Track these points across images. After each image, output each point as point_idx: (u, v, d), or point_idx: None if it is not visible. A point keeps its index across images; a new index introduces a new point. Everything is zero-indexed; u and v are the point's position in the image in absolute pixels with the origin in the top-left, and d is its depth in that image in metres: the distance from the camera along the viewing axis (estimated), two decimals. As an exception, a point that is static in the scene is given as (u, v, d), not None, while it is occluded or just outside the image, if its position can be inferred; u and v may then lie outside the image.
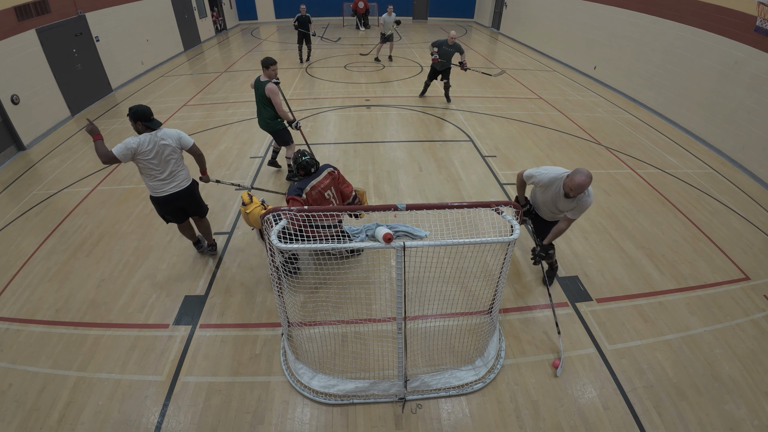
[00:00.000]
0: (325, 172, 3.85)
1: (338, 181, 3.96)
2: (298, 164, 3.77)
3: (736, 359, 3.30)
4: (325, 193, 3.81)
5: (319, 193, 3.77)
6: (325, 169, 3.87)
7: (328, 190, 3.84)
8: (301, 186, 3.73)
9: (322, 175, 3.84)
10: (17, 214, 5.20)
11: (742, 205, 5.48)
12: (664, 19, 8.27)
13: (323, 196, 3.80)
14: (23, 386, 3.06)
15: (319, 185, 3.79)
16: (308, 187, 3.73)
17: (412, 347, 3.31)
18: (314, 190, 3.74)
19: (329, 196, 3.85)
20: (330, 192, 3.86)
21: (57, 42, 8.00)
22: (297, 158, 3.79)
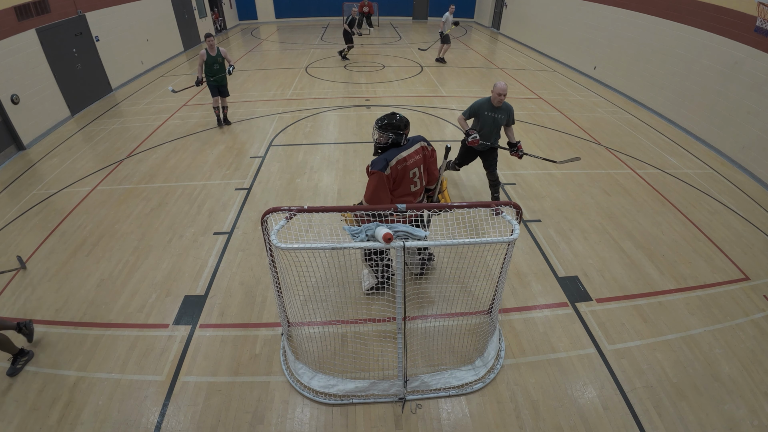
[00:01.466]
0: (418, 145, 3.24)
1: (429, 158, 3.35)
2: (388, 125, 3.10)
3: (736, 359, 3.30)
4: (411, 171, 3.20)
5: (405, 168, 3.16)
6: (418, 142, 3.25)
7: (416, 167, 3.23)
8: (388, 158, 3.10)
9: (414, 148, 3.22)
10: (17, 213, 5.20)
11: (742, 205, 5.49)
12: (664, 19, 8.27)
13: (408, 173, 3.19)
14: (23, 386, 3.06)
15: (408, 159, 3.17)
16: (395, 160, 3.11)
17: (411, 347, 3.31)
18: (400, 165, 3.13)
19: (414, 175, 3.23)
20: (418, 170, 3.24)
21: (57, 42, 8.00)
22: (391, 117, 3.12)
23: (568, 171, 6.17)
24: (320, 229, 4.30)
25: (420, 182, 3.33)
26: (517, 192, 5.63)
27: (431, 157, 3.40)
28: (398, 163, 3.13)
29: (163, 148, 6.89)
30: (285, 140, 7.14)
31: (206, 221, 4.95)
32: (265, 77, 10.94)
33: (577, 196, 5.52)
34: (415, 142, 3.26)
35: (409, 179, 3.23)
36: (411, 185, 3.27)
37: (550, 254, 4.45)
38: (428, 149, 3.36)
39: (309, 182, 5.82)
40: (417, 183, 3.30)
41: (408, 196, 3.31)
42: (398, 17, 21.11)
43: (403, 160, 3.15)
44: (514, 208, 2.75)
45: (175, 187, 5.70)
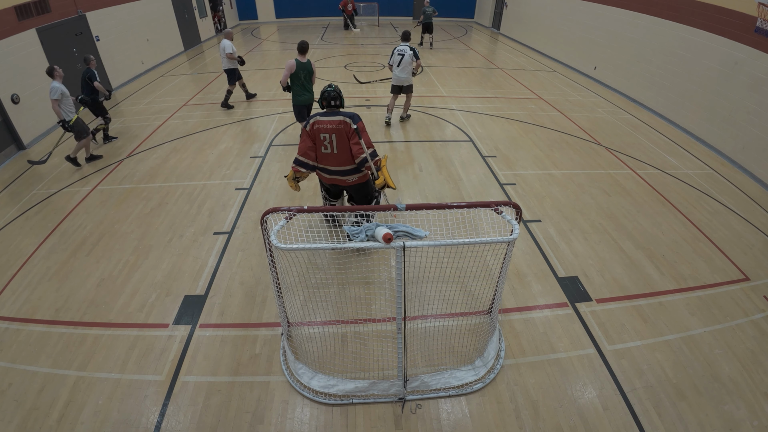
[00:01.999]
0: (338, 117, 3.77)
1: (348, 133, 3.77)
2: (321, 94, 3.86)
3: (736, 360, 3.30)
4: (321, 134, 3.78)
5: (316, 132, 3.78)
6: (339, 115, 3.78)
7: (324, 133, 3.77)
8: (313, 117, 3.84)
9: (329, 118, 3.78)
10: (17, 213, 5.20)
11: (742, 205, 5.49)
12: (664, 19, 8.27)
13: (319, 136, 3.79)
14: (23, 386, 3.06)
15: (322, 124, 3.77)
16: (313, 120, 3.81)
17: (411, 347, 3.31)
18: (315, 126, 3.78)
19: (324, 139, 3.79)
20: (329, 137, 3.78)
21: (57, 41, 8.00)
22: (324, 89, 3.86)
23: (568, 171, 6.18)
24: (320, 229, 4.31)
25: (331, 146, 3.83)
26: (517, 192, 5.63)
27: (351, 132, 3.78)
28: (315, 123, 3.80)
29: (164, 147, 6.89)
30: (285, 140, 7.14)
31: (206, 221, 4.95)
32: (265, 77, 10.94)
33: (577, 196, 5.52)
34: (338, 114, 3.79)
35: (320, 141, 3.81)
36: (322, 147, 3.85)
37: (550, 254, 4.45)
38: (348, 125, 3.77)
39: (309, 182, 5.82)
40: (326, 146, 3.84)
41: (321, 153, 3.89)
42: (398, 17, 21.12)
43: (317, 122, 3.79)
44: (514, 208, 2.76)
45: (175, 186, 5.70)
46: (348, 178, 4.01)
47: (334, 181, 4.06)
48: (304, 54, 6.10)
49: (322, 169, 4.00)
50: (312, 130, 3.81)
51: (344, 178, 4.01)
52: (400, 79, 7.40)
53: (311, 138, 3.84)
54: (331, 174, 4.00)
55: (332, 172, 3.97)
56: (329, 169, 3.97)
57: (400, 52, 7.23)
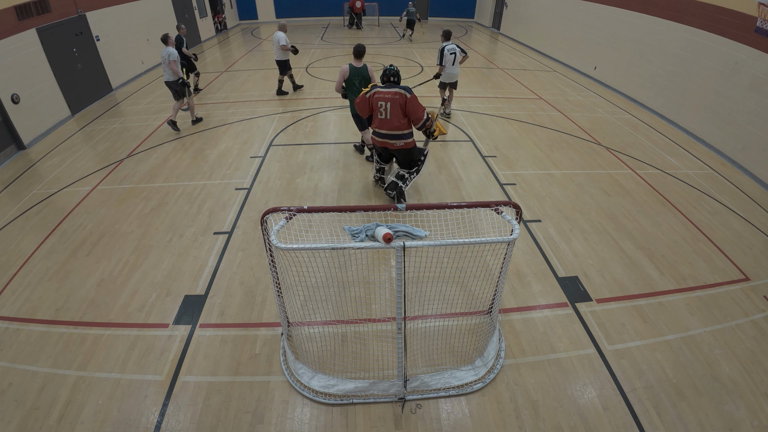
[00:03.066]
0: (395, 89, 4.57)
1: (404, 103, 4.54)
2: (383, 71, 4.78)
3: (736, 360, 3.30)
4: (378, 103, 4.61)
5: (375, 101, 4.62)
6: (396, 88, 4.58)
7: (382, 101, 4.58)
8: (373, 87, 4.69)
9: (387, 89, 4.59)
10: (17, 213, 5.20)
11: (742, 205, 5.49)
12: (664, 19, 8.27)
13: (377, 104, 4.62)
14: (23, 385, 3.06)
15: (379, 94, 4.60)
16: (372, 91, 4.64)
17: (411, 347, 3.31)
18: (374, 96, 4.62)
19: (381, 107, 4.61)
20: (383, 103, 4.58)
21: (57, 41, 8.00)
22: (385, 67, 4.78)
23: (568, 171, 6.18)
24: (320, 229, 4.31)
25: (385, 113, 4.61)
26: (517, 192, 5.63)
27: (405, 102, 4.55)
28: (374, 94, 4.63)
29: (163, 147, 6.89)
30: (285, 140, 7.14)
31: (206, 221, 4.95)
32: (265, 77, 10.94)
33: (577, 196, 5.52)
34: (394, 87, 4.61)
35: (377, 108, 4.64)
36: (378, 113, 4.66)
37: (550, 254, 4.45)
38: (404, 96, 4.55)
39: (309, 182, 5.82)
40: (382, 112, 4.63)
41: (377, 119, 4.71)
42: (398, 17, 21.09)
43: (377, 93, 4.62)
44: (514, 208, 2.76)
45: (175, 186, 5.70)
46: (396, 142, 4.75)
47: (384, 144, 4.83)
48: (359, 58, 5.68)
49: (375, 132, 4.82)
50: (372, 98, 4.65)
51: (392, 142, 4.76)
52: (453, 76, 7.63)
53: (369, 104, 4.68)
54: (382, 137, 4.79)
55: (383, 135, 4.75)
56: (381, 133, 4.75)
57: (452, 51, 7.37)
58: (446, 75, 7.60)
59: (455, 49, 7.41)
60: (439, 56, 7.40)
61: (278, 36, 8.57)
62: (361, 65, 5.66)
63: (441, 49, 7.40)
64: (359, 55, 5.67)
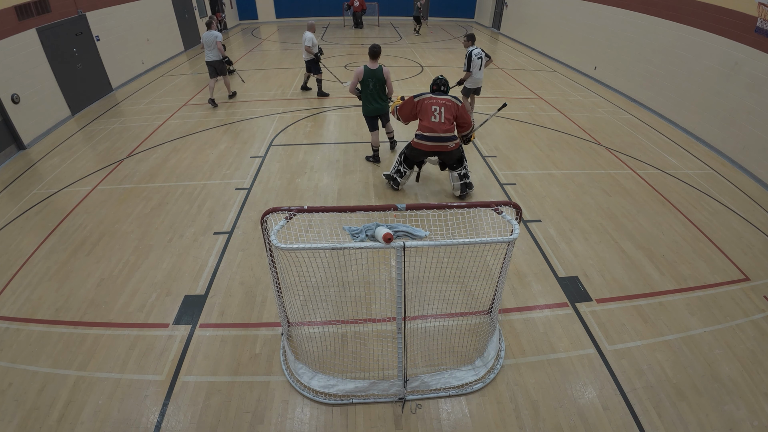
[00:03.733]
0: (446, 97, 4.95)
1: (456, 110, 4.91)
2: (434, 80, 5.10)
3: (736, 360, 3.30)
4: (432, 107, 4.89)
5: (428, 105, 4.90)
6: (447, 96, 4.97)
7: (436, 105, 4.88)
8: (421, 94, 5.00)
9: (441, 96, 4.95)
10: (17, 213, 5.20)
11: (742, 205, 5.48)
12: (664, 19, 8.27)
13: (430, 108, 4.90)
14: (23, 385, 3.06)
15: (432, 100, 4.92)
16: (423, 96, 4.98)
17: (411, 347, 3.31)
18: (425, 102, 4.93)
19: (435, 111, 4.89)
20: (438, 108, 4.88)
21: (57, 41, 8.00)
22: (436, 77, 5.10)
23: (568, 171, 6.18)
24: (320, 229, 4.31)
25: (439, 116, 4.90)
26: (517, 192, 5.63)
27: (457, 109, 4.92)
28: (425, 99, 4.97)
29: (164, 147, 6.89)
30: (285, 140, 7.14)
31: (206, 221, 4.96)
32: (265, 77, 10.94)
33: (577, 196, 5.52)
34: (445, 95, 5.01)
35: (430, 111, 4.91)
36: (431, 117, 4.92)
37: (550, 254, 4.45)
38: (456, 105, 4.93)
39: (309, 182, 5.82)
40: (436, 117, 4.91)
41: (430, 121, 4.93)
42: (398, 17, 21.12)
43: (429, 98, 4.97)
44: (514, 208, 2.75)
45: (176, 186, 5.70)
46: (448, 144, 4.97)
47: (436, 147, 4.98)
48: (374, 59, 5.54)
49: (424, 137, 4.95)
50: (423, 103, 4.94)
51: (446, 144, 4.96)
52: (479, 81, 7.27)
53: (416, 108, 5.00)
54: (433, 141, 4.93)
55: (436, 138, 4.91)
56: (433, 136, 4.91)
57: (479, 56, 6.97)
58: (472, 81, 7.16)
59: (481, 54, 6.99)
60: (467, 62, 6.92)
61: (305, 36, 8.51)
62: (377, 67, 5.57)
63: (468, 53, 6.92)
64: (375, 56, 5.56)
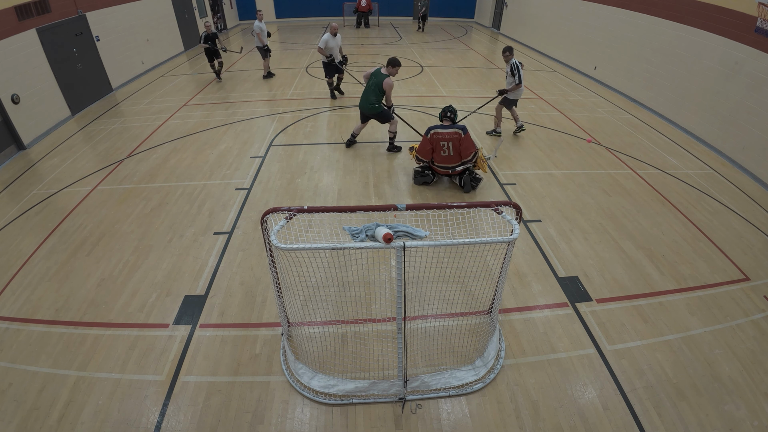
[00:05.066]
0: (453, 129, 5.18)
1: (461, 141, 5.19)
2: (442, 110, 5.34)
3: (736, 360, 3.30)
4: (441, 142, 5.20)
5: (437, 140, 5.20)
6: (454, 128, 5.19)
7: (444, 141, 5.19)
8: (432, 128, 5.24)
9: (448, 129, 5.19)
10: (17, 213, 5.20)
11: (742, 205, 5.48)
12: (664, 19, 8.27)
13: (439, 144, 5.21)
14: (23, 385, 3.06)
15: (441, 134, 5.19)
16: (433, 131, 5.22)
17: (411, 347, 3.31)
18: (435, 136, 5.20)
19: (444, 146, 5.21)
20: (447, 144, 5.19)
21: (57, 41, 8.00)
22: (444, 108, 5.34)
23: (568, 171, 6.18)
24: (320, 229, 4.31)
25: (449, 151, 5.24)
26: (517, 192, 5.63)
27: (462, 140, 5.18)
28: (434, 135, 5.22)
29: (164, 148, 6.89)
30: (285, 140, 7.14)
31: (206, 221, 4.96)
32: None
33: (577, 196, 5.52)
34: (452, 128, 5.21)
35: (440, 147, 5.24)
36: (441, 151, 5.26)
37: (550, 254, 4.45)
38: (461, 135, 5.18)
39: (309, 182, 5.82)
40: (446, 151, 5.25)
41: (440, 156, 5.32)
42: (398, 17, 21.12)
43: (437, 134, 5.22)
44: (514, 208, 2.75)
45: (176, 187, 5.70)
46: (459, 168, 5.40)
47: (448, 173, 5.49)
48: (388, 66, 6.07)
49: (440, 166, 5.41)
50: (432, 139, 5.23)
51: (459, 169, 5.41)
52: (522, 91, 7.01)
53: (431, 144, 5.26)
54: (446, 168, 5.41)
55: (449, 167, 5.39)
56: (447, 166, 5.39)
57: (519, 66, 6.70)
58: (518, 92, 6.89)
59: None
60: (518, 73, 6.58)
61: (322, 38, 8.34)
62: (383, 73, 6.09)
63: (515, 65, 6.61)
64: (388, 64, 6.08)
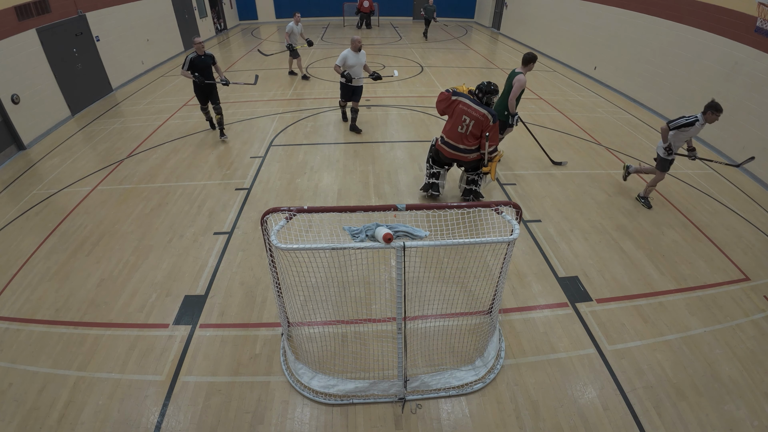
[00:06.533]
0: (483, 109, 4.59)
1: (484, 125, 4.60)
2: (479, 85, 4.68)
3: (736, 360, 3.30)
4: (463, 116, 4.66)
5: (460, 111, 4.67)
6: (483, 108, 4.59)
7: (467, 116, 4.63)
8: (461, 95, 4.71)
9: (476, 107, 4.61)
10: (17, 213, 5.20)
11: (742, 205, 5.48)
12: (664, 19, 8.27)
13: (461, 116, 4.67)
14: (23, 386, 3.06)
15: (466, 107, 4.64)
16: (461, 99, 4.68)
17: (411, 347, 3.31)
18: (459, 106, 4.67)
19: (465, 121, 4.66)
20: (468, 119, 4.64)
21: (57, 42, 8.00)
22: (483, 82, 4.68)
23: (568, 171, 6.18)
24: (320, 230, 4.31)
25: (466, 128, 4.68)
26: (517, 192, 5.63)
27: (487, 125, 4.60)
28: (461, 103, 4.68)
29: (164, 148, 6.89)
30: (285, 140, 7.14)
31: (206, 221, 4.96)
32: (265, 77, 10.93)
33: (577, 196, 5.52)
34: (481, 105, 4.62)
35: (460, 119, 4.68)
36: (459, 126, 4.71)
37: (550, 254, 4.45)
38: (487, 119, 4.58)
39: (309, 182, 5.82)
40: (463, 126, 4.69)
41: (455, 131, 4.76)
42: (398, 17, 21.12)
43: (464, 104, 4.67)
44: (513, 208, 2.76)
45: (175, 187, 5.70)
46: (469, 155, 4.87)
47: (456, 156, 4.89)
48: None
49: (447, 143, 4.85)
50: (458, 107, 4.68)
51: (466, 155, 4.86)
52: None
53: (450, 107, 4.74)
54: (455, 150, 4.84)
55: (457, 149, 4.82)
56: (455, 146, 4.81)
57: None
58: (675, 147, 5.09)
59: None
60: None
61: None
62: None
63: None
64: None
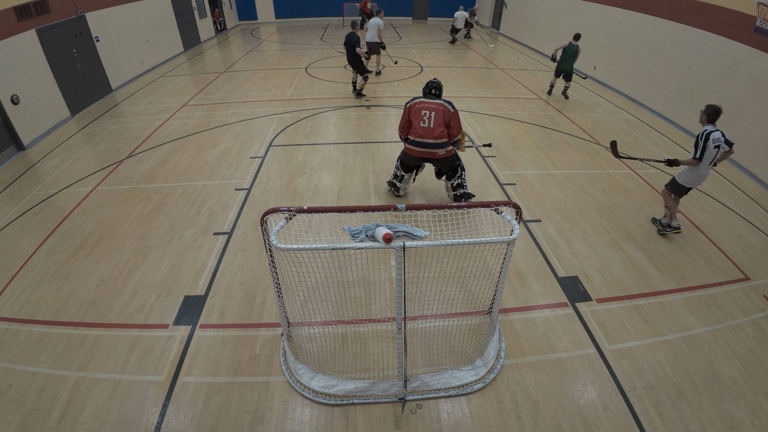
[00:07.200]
0: (438, 101, 4.66)
1: (448, 115, 4.62)
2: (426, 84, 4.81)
3: (736, 359, 3.30)
4: (422, 111, 4.64)
5: (417, 110, 4.66)
6: (440, 100, 4.68)
7: (426, 110, 4.62)
8: (416, 98, 4.76)
9: (432, 100, 4.68)
10: (17, 214, 5.20)
11: (741, 205, 5.49)
12: (664, 19, 8.27)
13: (419, 113, 4.65)
14: (23, 386, 3.06)
15: (421, 104, 4.66)
16: (415, 101, 4.71)
17: (411, 347, 3.31)
18: (416, 106, 4.67)
19: (425, 116, 4.63)
20: (427, 112, 4.62)
21: (57, 42, 8.00)
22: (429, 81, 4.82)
23: (568, 171, 6.18)
24: (320, 230, 4.32)
25: (428, 121, 4.62)
26: (517, 192, 5.63)
27: (450, 115, 4.62)
28: (416, 103, 4.69)
29: (163, 148, 6.89)
30: (285, 140, 7.14)
31: (206, 221, 4.95)
32: (265, 77, 10.94)
33: (577, 196, 5.52)
34: (438, 99, 4.71)
35: (419, 116, 4.65)
36: (420, 122, 4.65)
37: (550, 254, 4.45)
38: (448, 110, 4.62)
39: (309, 182, 5.82)
40: (424, 120, 4.63)
41: (419, 127, 4.68)
42: (398, 17, 21.13)
43: (418, 103, 4.68)
44: (513, 208, 2.75)
45: (175, 187, 5.70)
46: (438, 151, 4.73)
47: (425, 154, 4.76)
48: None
49: (415, 143, 4.73)
50: (413, 108, 4.69)
51: (435, 151, 4.73)
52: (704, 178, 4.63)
53: (408, 114, 4.73)
54: (423, 147, 4.71)
55: (425, 144, 4.69)
56: (423, 142, 4.69)
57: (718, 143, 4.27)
58: (695, 176, 4.47)
59: (722, 140, 4.25)
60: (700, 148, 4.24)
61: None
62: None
63: (704, 135, 4.23)
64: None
